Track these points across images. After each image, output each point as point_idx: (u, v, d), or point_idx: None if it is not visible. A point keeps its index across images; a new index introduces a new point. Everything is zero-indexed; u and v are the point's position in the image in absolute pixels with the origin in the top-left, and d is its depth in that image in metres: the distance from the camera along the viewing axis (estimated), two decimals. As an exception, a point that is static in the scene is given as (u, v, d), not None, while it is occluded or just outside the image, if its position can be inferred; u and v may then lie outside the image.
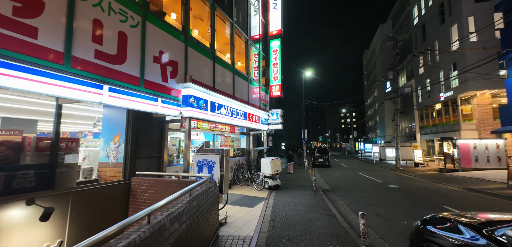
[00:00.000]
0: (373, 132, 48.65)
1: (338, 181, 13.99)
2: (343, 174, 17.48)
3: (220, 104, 7.99)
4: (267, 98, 13.24)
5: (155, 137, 6.69)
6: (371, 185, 12.54)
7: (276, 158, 10.37)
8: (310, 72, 20.62)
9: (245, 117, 9.84)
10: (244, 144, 12.01)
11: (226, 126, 9.64)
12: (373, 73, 45.57)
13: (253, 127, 10.83)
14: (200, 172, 5.87)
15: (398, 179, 15.11)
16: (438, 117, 26.03)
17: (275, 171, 10.12)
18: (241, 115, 9.37)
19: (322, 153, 23.06)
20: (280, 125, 12.38)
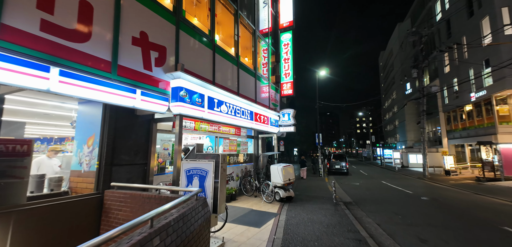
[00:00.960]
0: (392, 137, 45.70)
1: (360, 192, 12.21)
2: (365, 183, 15.59)
3: (220, 101, 6.65)
4: (278, 97, 11.80)
5: (139, 139, 5.43)
6: (400, 197, 10.69)
7: (288, 165, 8.87)
8: (324, 71, 18.97)
9: (252, 117, 8.46)
10: (252, 149, 10.60)
11: (230, 128, 8.28)
12: (391, 75, 42.98)
13: (261, 128, 9.41)
14: (189, 183, 4.51)
15: (430, 189, 13.07)
16: (469, 120, 23.43)
17: (287, 180, 8.61)
18: (246, 115, 8.00)
19: (339, 159, 21.17)
20: (292, 127, 10.88)
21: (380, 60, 51.80)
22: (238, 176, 9.41)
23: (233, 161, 9.13)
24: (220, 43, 7.82)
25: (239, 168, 9.52)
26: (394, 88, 42.04)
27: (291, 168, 8.99)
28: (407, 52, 34.93)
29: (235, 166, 9.28)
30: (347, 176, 19.53)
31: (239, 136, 8.90)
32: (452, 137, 26.26)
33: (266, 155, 9.78)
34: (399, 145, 41.17)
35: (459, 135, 24.95)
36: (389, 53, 43.88)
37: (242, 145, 9.89)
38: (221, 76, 7.52)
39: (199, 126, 6.86)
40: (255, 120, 8.69)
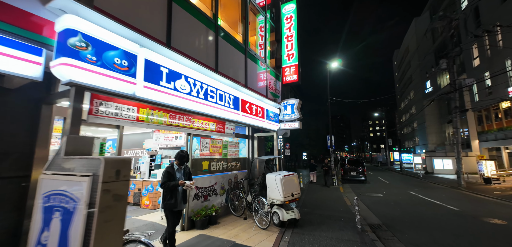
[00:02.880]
0: (410, 140, 41.59)
1: (388, 208, 9.23)
2: (389, 194, 12.48)
3: (177, 73, 4.13)
4: (279, 86, 9.14)
5: (12, 132, 2.95)
6: (449, 218, 7.65)
7: (290, 174, 6.14)
8: (337, 63, 16.10)
9: (237, 106, 5.86)
10: (246, 152, 7.97)
11: (207, 121, 5.69)
12: (408, 74, 39.20)
13: (254, 123, 6.78)
14: (45, 229, 1.91)
15: (479, 204, 9.85)
16: (506, 119, 19.70)
17: (290, 196, 5.88)
18: (228, 101, 5.42)
19: (355, 165, 18.04)
20: (297, 122, 8.15)
21: (395, 59, 47.96)
22: (223, 188, 6.77)
23: (216, 168, 6.51)
24: (190, -2, 5.31)
25: (225, 177, 6.89)
26: (411, 88, 38.22)
27: (295, 178, 6.26)
28: (427, 48, 31.31)
29: (219, 175, 6.65)
30: (365, 185, 16.38)
31: (224, 134, 6.26)
32: (485, 139, 22.43)
33: (262, 160, 7.09)
34: (419, 149, 37.11)
35: (494, 136, 21.15)
36: (405, 51, 40.17)
37: (231, 146, 7.26)
38: (182, 37, 4.97)
39: (147, 113, 4.28)
40: (244, 111, 6.08)
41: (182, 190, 4.04)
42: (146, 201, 7.00)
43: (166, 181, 3.88)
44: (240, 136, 7.44)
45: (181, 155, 4.14)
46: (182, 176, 4.11)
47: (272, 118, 7.64)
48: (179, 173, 4.10)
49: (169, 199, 3.90)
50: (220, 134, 6.19)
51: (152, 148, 7.73)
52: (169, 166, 4.05)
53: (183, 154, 4.16)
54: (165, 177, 3.91)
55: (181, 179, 4.03)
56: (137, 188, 7.27)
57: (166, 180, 3.89)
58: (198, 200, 5.78)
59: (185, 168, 4.24)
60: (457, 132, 15.80)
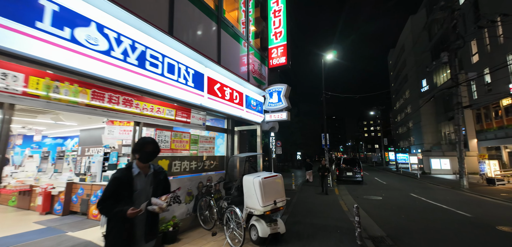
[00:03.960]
0: (405, 140, 40.62)
1: (390, 213, 7.90)
2: (389, 197, 11.19)
3: (81, 16, 2.71)
4: (264, 71, 7.71)
5: None
6: (460, 226, 6.34)
7: (273, 175, 4.75)
8: (332, 54, 14.79)
9: (201, 85, 4.45)
10: (224, 149, 6.56)
11: (162, 106, 4.23)
12: (403, 72, 38.24)
13: (228, 111, 5.37)
14: None
15: (491, 208, 8.60)
16: (507, 117, 18.66)
17: (272, 204, 4.49)
18: (185, 76, 4.02)
19: (351, 165, 16.77)
20: (284, 113, 6.71)
21: (390, 59, 47.04)
22: (191, 194, 5.34)
23: (180, 169, 5.08)
24: None
25: (194, 180, 5.46)
26: (407, 87, 37.25)
27: (279, 180, 4.86)
28: (424, 45, 30.32)
29: (185, 178, 5.22)
30: (362, 186, 15.09)
31: (188, 125, 4.82)
32: (484, 137, 21.40)
33: (242, 158, 5.68)
34: (414, 149, 36.12)
35: (494, 135, 20.11)
36: (400, 49, 39.23)
37: (204, 142, 5.83)
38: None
39: (46, 86, 2.79)
40: (212, 93, 4.68)
41: (146, 215, 2.09)
42: (94, 210, 5.53)
43: (107, 199, 1.98)
44: (214, 129, 6.03)
45: (144, 146, 2.16)
46: (147, 188, 2.17)
47: (254, 107, 6.23)
48: (142, 182, 2.15)
49: (113, 236, 2.00)
50: (184, 125, 4.75)
51: (110, 144, 6.26)
52: (121, 170, 2.14)
53: (145, 144, 2.17)
54: (107, 191, 2.00)
55: (143, 193, 2.12)
56: (85, 193, 5.78)
57: (107, 195, 1.99)
58: (151, 211, 4.36)
59: (155, 172, 2.27)
60: (459, 130, 14.62)
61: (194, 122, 4.94)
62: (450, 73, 15.62)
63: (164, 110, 4.25)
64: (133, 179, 2.10)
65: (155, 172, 2.27)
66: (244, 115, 5.84)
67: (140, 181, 2.14)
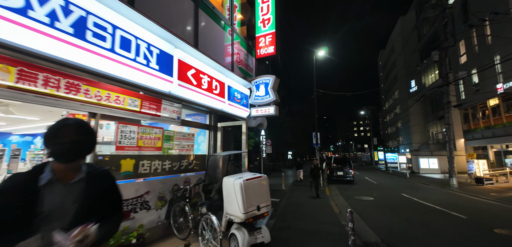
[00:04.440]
0: (394, 140, 40.98)
1: (383, 216, 7.43)
2: (381, 197, 10.78)
3: None
4: (252, 63, 7.05)
5: None
6: (457, 229, 5.92)
7: (257, 177, 4.12)
8: (323, 51, 14.32)
9: (170, 69, 3.66)
10: (206, 147, 5.88)
11: (123, 95, 3.48)
12: (393, 73, 38.52)
13: (206, 102, 4.66)
14: None
15: (484, 209, 8.29)
16: (494, 117, 18.79)
17: (255, 210, 3.86)
18: (147, 56, 3.28)
19: (342, 164, 16.39)
20: (271, 107, 6.07)
21: (380, 59, 47.42)
22: (164, 199, 4.63)
23: (150, 170, 4.36)
24: None
25: (168, 182, 4.74)
26: (396, 87, 37.53)
27: (264, 182, 4.22)
28: (413, 46, 30.51)
29: (156, 180, 4.50)
30: (353, 186, 14.70)
31: (158, 118, 4.11)
32: (471, 137, 21.56)
33: (226, 158, 5.01)
34: (403, 148, 36.44)
35: (481, 134, 20.26)
36: (390, 51, 39.51)
37: (181, 138, 5.12)
38: None
39: None
40: (184, 79, 3.95)
41: None
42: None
43: None
44: (193, 124, 5.34)
45: (59, 133, 1.21)
46: (66, 207, 1.24)
47: (238, 100, 5.56)
48: (57, 195, 1.23)
49: None
50: (152, 118, 4.03)
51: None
52: (15, 177, 1.23)
53: (61, 129, 1.22)
54: None
55: (58, 216, 1.21)
56: None
57: None
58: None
59: (89, 178, 1.33)
60: (449, 129, 14.47)
61: (166, 116, 4.23)
62: (439, 73, 15.49)
63: (125, 100, 3.53)
64: (38, 191, 1.19)
65: (89, 178, 1.32)
66: (226, 108, 5.16)
67: (53, 194, 1.22)
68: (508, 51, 16.45)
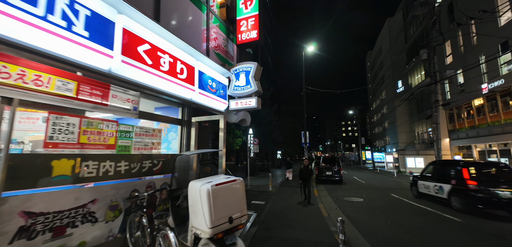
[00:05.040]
0: (381, 139, 41.34)
1: (374, 219, 6.83)
2: (371, 198, 10.27)
3: None
4: (233, 50, 6.22)
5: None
6: (455, 234, 5.38)
7: (230, 181, 3.33)
8: (313, 46, 13.72)
9: (108, 40, 2.83)
10: (177, 145, 5.04)
11: (42, 72, 2.60)
12: (380, 74, 38.78)
13: (166, 89, 3.78)
14: None
15: (478, 210, 7.90)
16: (478, 116, 18.95)
17: (226, 223, 3.08)
18: (71, 19, 2.46)
19: (330, 163, 15.90)
20: (253, 98, 5.23)
21: (368, 60, 47.80)
22: (118, 208, 3.76)
23: (98, 173, 3.49)
24: None
25: (123, 188, 3.88)
26: (383, 88, 37.79)
27: (239, 187, 3.44)
28: (400, 47, 30.68)
29: (107, 185, 3.63)
30: (341, 186, 14.21)
31: (106, 109, 3.24)
32: (456, 137, 21.75)
33: (196, 158, 4.19)
34: (389, 148, 36.75)
35: (466, 134, 20.42)
36: (378, 51, 39.79)
37: (143, 135, 4.26)
38: None
39: None
40: (133, 56, 3.06)
41: None
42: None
43: None
44: (159, 118, 4.48)
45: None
46: None
47: (213, 90, 4.73)
48: None
49: None
50: (95, 106, 3.15)
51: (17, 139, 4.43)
52: None
53: None
54: None
55: None
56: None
57: None
58: (35, 238, 2.75)
59: None
60: (437, 128, 14.26)
61: (116, 106, 3.36)
62: (428, 72, 15.31)
63: (52, 81, 2.65)
64: None
65: None
66: (197, 98, 4.32)
67: None
68: (493, 51, 16.62)
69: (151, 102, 5.01)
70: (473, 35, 18.41)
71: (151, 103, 5.04)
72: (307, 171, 8.89)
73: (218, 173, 5.48)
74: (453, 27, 13.77)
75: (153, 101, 4.91)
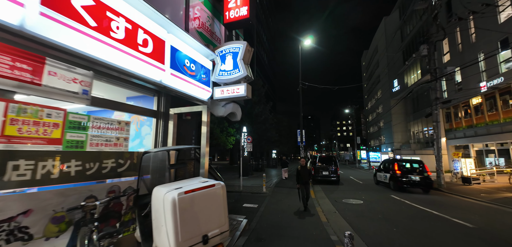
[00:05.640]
0: (376, 139, 41.03)
1: (377, 225, 6.10)
2: (370, 200, 9.58)
3: None
4: (220, 31, 5.35)
5: None
6: (466, 241, 4.70)
7: (208, 187, 2.51)
8: (309, 40, 12.99)
9: None
10: (152, 141, 4.22)
11: None
12: (376, 73, 38.43)
13: (123, 65, 2.95)
14: None
15: (484, 214, 7.24)
16: (476, 116, 18.50)
17: (198, 244, 2.25)
18: None
19: (327, 163, 15.21)
20: (242, 85, 4.29)
21: (363, 60, 47.46)
22: (64, 220, 2.92)
23: (32, 176, 2.67)
24: None
25: (72, 194, 3.04)
26: (379, 87, 37.43)
27: (218, 193, 2.63)
28: (397, 46, 30.27)
29: (53, 190, 2.79)
30: (338, 186, 13.53)
31: (40, 90, 2.41)
32: (453, 136, 21.33)
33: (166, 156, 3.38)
34: (384, 147, 36.42)
35: (463, 133, 20.00)
36: (374, 51, 39.42)
37: (103, 129, 3.42)
38: None
39: None
40: (59, 10, 2.18)
41: None
42: None
43: None
44: (128, 108, 3.65)
45: None
46: None
47: (191, 73, 3.86)
48: None
49: None
50: (25, 86, 2.31)
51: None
52: None
53: None
54: None
55: None
56: None
57: None
58: None
59: None
60: (437, 126, 13.71)
61: (54, 87, 2.51)
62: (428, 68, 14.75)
63: None
64: None
65: None
66: (167, 80, 3.46)
67: None
68: (492, 49, 16.18)
69: (122, 90, 4.16)
70: (472, 33, 17.99)
71: (121, 91, 4.18)
72: (304, 173, 7.53)
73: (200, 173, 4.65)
74: (455, 21, 13.19)
75: (125, 89, 4.06)
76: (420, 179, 11.45)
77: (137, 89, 4.09)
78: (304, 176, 7.40)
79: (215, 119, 16.82)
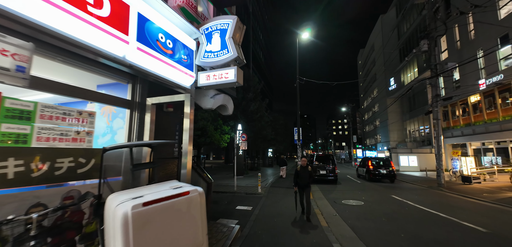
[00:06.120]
0: (372, 137, 40.79)
1: (382, 229, 5.52)
2: (371, 201, 9.03)
3: None
4: (209, 11, 4.68)
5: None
6: None
7: (180, 195, 1.85)
8: (307, 33, 12.38)
9: None
10: (125, 135, 3.57)
11: None
12: (372, 71, 38.11)
13: (73, 34, 2.26)
14: None
15: (492, 215, 6.74)
16: (475, 114, 18.16)
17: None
18: None
19: (324, 162, 14.67)
20: (231, 69, 3.45)
21: (359, 59, 47.16)
22: (7, 233, 2.25)
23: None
24: None
25: (10, 201, 2.37)
26: (375, 86, 37.13)
27: (192, 204, 1.96)
28: (393, 44, 29.92)
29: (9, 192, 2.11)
30: (336, 186, 12.99)
31: None
32: (450, 135, 21.01)
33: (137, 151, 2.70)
34: (380, 146, 36.18)
35: (461, 132, 19.69)
36: (370, 49, 39.10)
37: (56, 119, 2.75)
38: None
39: None
40: None
41: None
42: None
43: None
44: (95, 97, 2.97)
45: None
46: None
47: (168, 51, 3.12)
48: None
49: None
50: None
51: None
52: None
53: None
54: None
55: None
56: None
57: None
58: None
59: None
60: (437, 123, 13.27)
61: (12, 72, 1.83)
62: (420, 69, 14.31)
63: None
64: None
65: None
66: (133, 56, 2.74)
67: None
68: (491, 46, 15.84)
69: (91, 76, 3.46)
70: (471, 30, 17.65)
71: (90, 77, 3.48)
72: (305, 174, 6.19)
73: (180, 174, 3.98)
74: (456, 15, 12.74)
75: (94, 75, 3.36)
76: (387, 172, 14.77)
77: (107, 74, 3.39)
78: (303, 179, 6.21)
79: (209, 116, 16.08)
